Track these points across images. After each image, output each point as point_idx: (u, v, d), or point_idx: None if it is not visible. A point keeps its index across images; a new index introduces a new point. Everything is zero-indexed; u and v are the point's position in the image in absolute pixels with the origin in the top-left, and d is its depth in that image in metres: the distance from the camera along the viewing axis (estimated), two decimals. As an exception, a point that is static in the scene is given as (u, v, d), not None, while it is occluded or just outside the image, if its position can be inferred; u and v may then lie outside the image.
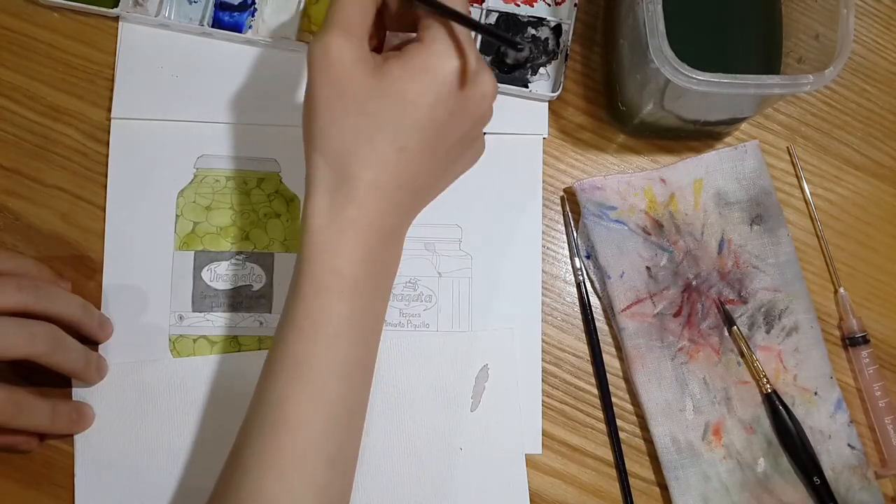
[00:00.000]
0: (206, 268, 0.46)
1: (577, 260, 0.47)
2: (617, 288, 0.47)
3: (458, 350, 0.46)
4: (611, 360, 0.47)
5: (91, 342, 0.44)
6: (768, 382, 0.46)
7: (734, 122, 0.48)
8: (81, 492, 0.44)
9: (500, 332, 0.46)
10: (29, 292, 0.39)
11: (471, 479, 0.45)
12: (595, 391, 0.47)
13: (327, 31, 0.34)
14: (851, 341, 0.47)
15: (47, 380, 0.43)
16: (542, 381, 0.46)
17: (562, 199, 0.48)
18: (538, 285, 0.47)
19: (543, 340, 0.47)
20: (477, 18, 0.48)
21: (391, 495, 0.44)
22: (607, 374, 0.47)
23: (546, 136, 0.48)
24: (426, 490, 0.44)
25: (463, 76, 0.34)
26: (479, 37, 0.47)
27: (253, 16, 0.48)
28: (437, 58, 0.34)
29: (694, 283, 0.47)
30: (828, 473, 0.45)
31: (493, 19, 0.48)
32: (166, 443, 0.44)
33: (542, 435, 0.46)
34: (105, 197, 0.46)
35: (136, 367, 0.45)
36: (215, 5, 0.47)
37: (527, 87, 0.48)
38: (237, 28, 0.47)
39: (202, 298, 0.46)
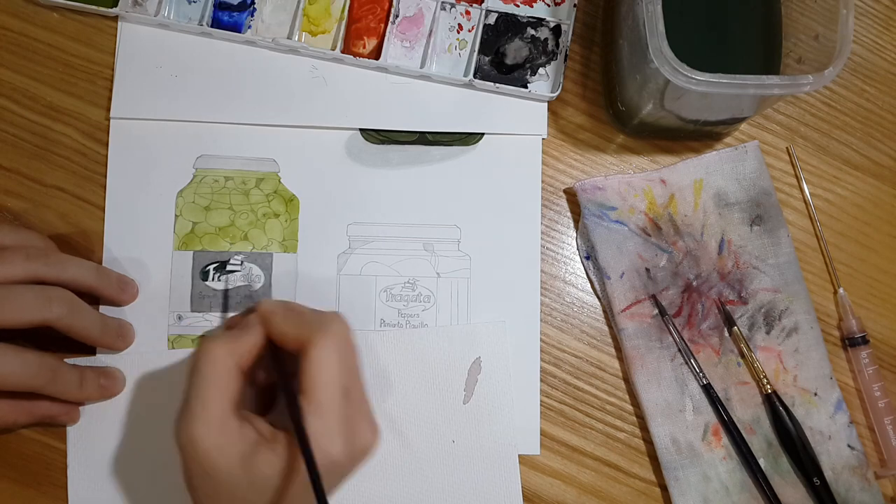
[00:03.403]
0: (205, 268, 0.46)
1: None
2: (616, 288, 0.47)
3: (451, 343, 0.46)
4: (610, 361, 0.47)
5: (114, 307, 0.45)
6: (768, 383, 0.46)
7: (734, 122, 0.48)
8: (74, 485, 0.44)
9: (493, 324, 0.46)
10: (38, 260, 0.40)
11: (463, 471, 0.45)
12: (594, 391, 0.47)
13: (189, 415, 0.34)
14: (851, 342, 0.47)
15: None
16: (541, 381, 0.46)
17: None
18: (537, 285, 0.47)
19: (542, 340, 0.47)
20: (477, 19, 0.48)
21: (383, 487, 0.44)
22: (606, 374, 0.47)
23: (545, 136, 0.48)
24: (418, 482, 0.45)
25: (339, 452, 0.34)
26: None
27: (252, 15, 0.48)
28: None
29: (694, 283, 0.47)
30: (828, 474, 0.45)
31: (492, 20, 0.48)
32: (159, 436, 0.44)
33: (541, 435, 0.46)
34: (104, 197, 0.46)
35: (130, 359, 0.45)
36: (214, 5, 0.47)
37: (526, 87, 0.48)
38: (236, 28, 0.47)
39: (201, 298, 0.46)
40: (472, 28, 0.48)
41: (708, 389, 0.46)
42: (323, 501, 0.32)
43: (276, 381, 0.38)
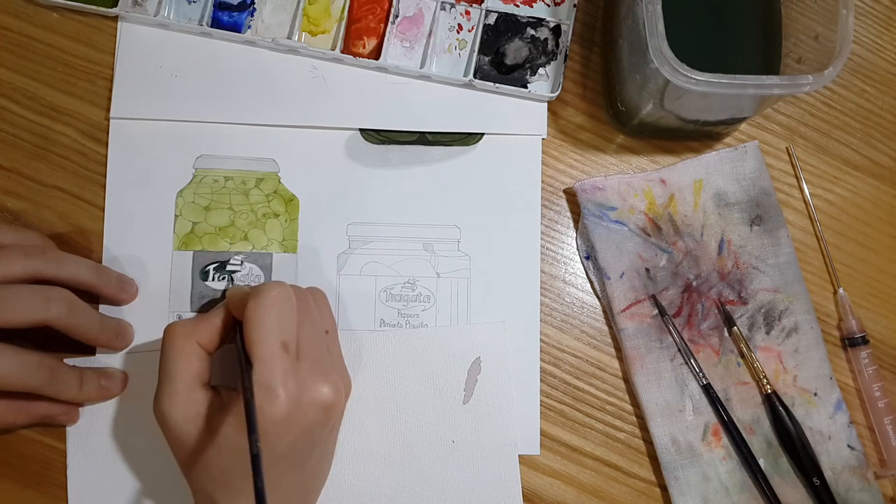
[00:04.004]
0: (205, 268, 0.46)
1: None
2: (616, 288, 0.47)
3: (451, 343, 0.46)
4: (610, 361, 0.47)
5: (114, 306, 0.45)
6: (768, 383, 0.46)
7: (734, 122, 0.48)
8: (74, 484, 0.44)
9: (493, 324, 0.46)
10: (36, 258, 0.40)
11: (463, 471, 0.45)
12: (594, 391, 0.47)
13: (158, 392, 0.38)
14: (851, 342, 0.47)
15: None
16: (541, 381, 0.46)
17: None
18: (537, 285, 0.47)
19: (542, 340, 0.47)
20: (476, 19, 0.48)
21: (383, 488, 0.44)
22: (606, 374, 0.47)
23: (545, 136, 0.48)
24: (418, 482, 0.45)
25: (282, 405, 0.36)
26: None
27: (252, 16, 0.48)
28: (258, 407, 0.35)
29: (694, 283, 0.47)
30: (827, 474, 0.45)
31: (492, 20, 0.48)
32: (159, 434, 0.44)
33: (541, 435, 0.46)
34: (104, 197, 0.46)
35: (131, 358, 0.45)
36: (214, 5, 0.47)
37: (526, 87, 0.48)
38: (236, 28, 0.47)
39: (201, 298, 0.46)
40: (472, 28, 0.48)
41: (708, 389, 0.46)
42: (254, 448, 0.33)
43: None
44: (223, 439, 0.37)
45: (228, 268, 0.46)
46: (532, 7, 0.49)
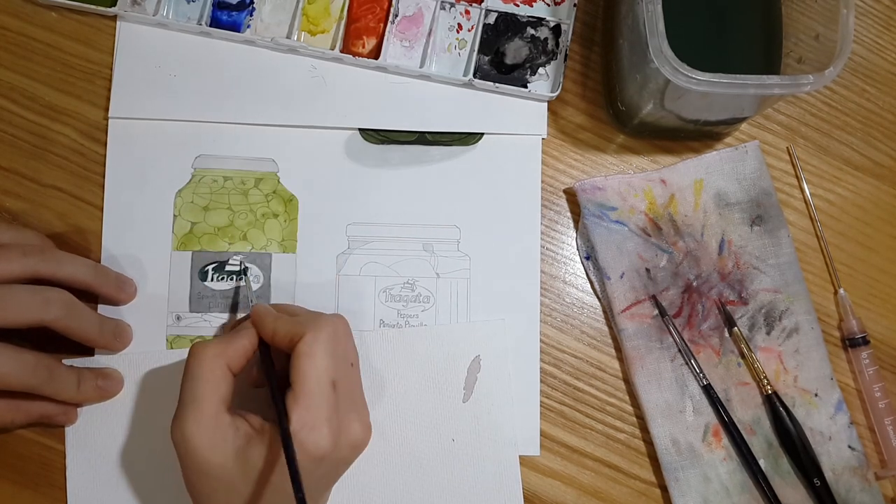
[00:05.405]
0: (204, 268, 0.46)
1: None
2: (617, 289, 0.47)
3: (450, 341, 0.46)
4: (610, 361, 0.47)
5: (112, 306, 0.45)
6: (769, 384, 0.46)
7: (734, 122, 0.48)
8: (73, 485, 0.44)
9: (492, 322, 0.46)
10: (35, 257, 0.39)
11: (463, 470, 0.45)
12: (594, 392, 0.47)
13: (181, 415, 0.36)
14: (851, 342, 0.47)
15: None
16: (541, 381, 0.46)
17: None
18: (537, 286, 0.47)
19: (542, 341, 0.47)
20: (476, 18, 0.48)
21: (383, 486, 0.44)
22: (606, 374, 0.47)
23: (545, 136, 0.48)
24: (418, 481, 0.45)
25: (325, 444, 0.35)
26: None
27: (251, 15, 0.47)
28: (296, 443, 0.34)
29: (694, 283, 0.47)
30: (828, 475, 0.45)
31: (492, 19, 0.48)
32: (158, 436, 0.44)
33: (541, 436, 0.46)
34: (103, 197, 0.46)
35: (129, 359, 0.45)
36: (213, 4, 0.47)
37: (526, 87, 0.48)
38: (235, 27, 0.47)
39: (200, 299, 0.46)
40: (472, 27, 0.48)
41: (708, 390, 0.46)
42: (299, 490, 0.32)
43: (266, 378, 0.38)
44: (250, 468, 0.35)
45: (227, 268, 0.46)
46: (532, 6, 0.49)
